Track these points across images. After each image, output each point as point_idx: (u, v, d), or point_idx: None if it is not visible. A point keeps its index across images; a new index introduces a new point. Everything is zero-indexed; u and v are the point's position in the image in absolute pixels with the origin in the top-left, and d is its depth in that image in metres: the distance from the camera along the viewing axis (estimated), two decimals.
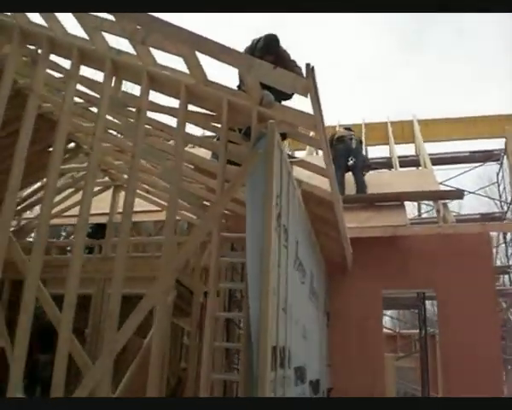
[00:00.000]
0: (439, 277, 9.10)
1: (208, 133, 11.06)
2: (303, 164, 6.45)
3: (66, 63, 6.00)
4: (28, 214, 11.27)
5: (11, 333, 5.12)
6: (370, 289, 9.31)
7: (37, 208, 11.32)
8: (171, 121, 6.12)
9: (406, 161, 14.27)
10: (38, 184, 10.42)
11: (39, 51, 6.02)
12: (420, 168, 12.78)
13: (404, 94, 63.62)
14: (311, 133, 7.29)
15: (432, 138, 15.72)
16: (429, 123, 15.99)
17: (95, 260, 9.30)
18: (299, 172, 6.87)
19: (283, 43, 6.38)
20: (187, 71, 5.17)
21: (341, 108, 54.03)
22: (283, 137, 5.65)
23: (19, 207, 10.25)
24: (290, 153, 15.10)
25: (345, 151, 11.48)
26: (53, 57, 6.12)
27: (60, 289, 8.48)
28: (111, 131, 8.01)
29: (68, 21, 5.59)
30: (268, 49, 6.16)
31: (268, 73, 4.47)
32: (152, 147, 6.96)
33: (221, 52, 4.56)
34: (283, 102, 5.71)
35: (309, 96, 4.41)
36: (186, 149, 9.68)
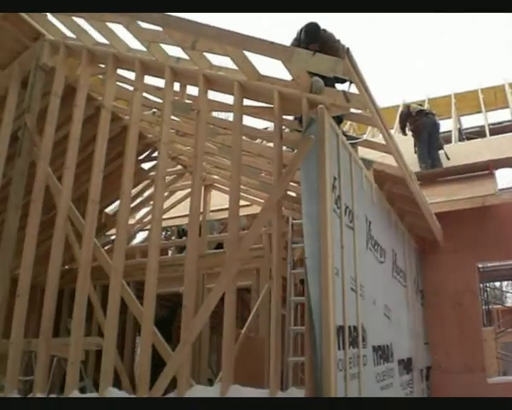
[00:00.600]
0: None
1: None
2: (366, 144, 6.46)
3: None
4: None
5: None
6: (465, 263, 9.07)
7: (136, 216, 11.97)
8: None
9: (502, 128, 13.66)
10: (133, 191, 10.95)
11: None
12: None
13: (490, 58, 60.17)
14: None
15: None
16: None
17: None
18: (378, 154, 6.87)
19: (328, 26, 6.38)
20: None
21: (427, 80, 52.19)
22: (340, 120, 5.70)
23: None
24: (372, 136, 14.90)
25: (430, 125, 11.22)
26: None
27: (162, 289, 9.05)
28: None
29: (127, 37, 5.97)
30: (311, 38, 6.19)
31: (308, 60, 4.57)
32: (226, 145, 7.20)
33: (262, 47, 4.71)
34: (341, 85, 5.78)
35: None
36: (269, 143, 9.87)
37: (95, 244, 5.83)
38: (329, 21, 6.44)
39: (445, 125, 14.77)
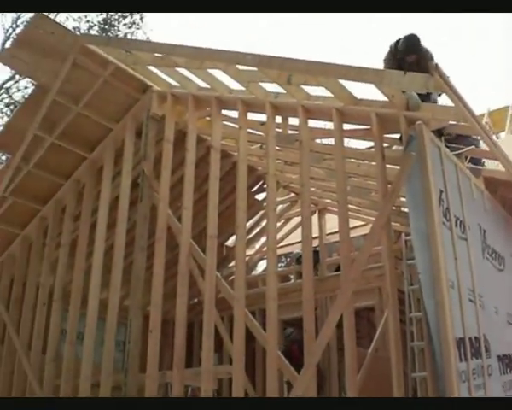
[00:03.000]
0: None
1: None
2: (470, 152, 6.39)
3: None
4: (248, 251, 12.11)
5: None
6: None
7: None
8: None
9: None
10: (251, 222, 11.27)
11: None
12: None
13: None
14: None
15: None
16: None
17: (314, 282, 9.89)
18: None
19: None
20: None
21: None
22: (441, 132, 5.72)
23: None
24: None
25: None
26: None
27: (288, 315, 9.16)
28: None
29: (227, 79, 6.34)
30: (410, 49, 6.24)
31: (399, 80, 4.67)
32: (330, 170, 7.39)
33: (353, 73, 4.87)
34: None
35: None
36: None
37: (217, 277, 6.19)
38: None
39: None
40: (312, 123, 6.23)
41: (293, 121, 6.49)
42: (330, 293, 9.31)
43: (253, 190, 9.78)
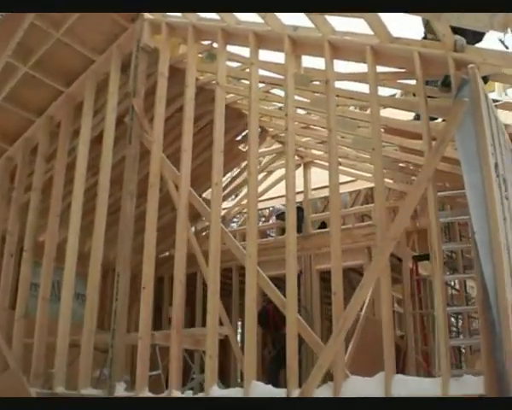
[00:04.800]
0: None
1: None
2: (508, 106, 5.92)
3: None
4: (225, 204, 11.44)
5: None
6: None
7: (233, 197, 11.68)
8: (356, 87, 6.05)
9: None
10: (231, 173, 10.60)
11: (215, 45, 6.15)
12: None
13: None
14: None
15: None
16: None
17: (298, 239, 9.43)
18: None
19: None
20: (367, 33, 4.96)
21: None
22: (485, 81, 5.20)
23: None
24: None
25: None
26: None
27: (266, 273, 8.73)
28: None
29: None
30: None
31: (459, 16, 4.09)
32: (341, 117, 6.79)
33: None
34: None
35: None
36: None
37: (222, 229, 5.58)
38: None
39: None
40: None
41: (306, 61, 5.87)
42: (316, 250, 8.98)
43: (237, 138, 9.11)
